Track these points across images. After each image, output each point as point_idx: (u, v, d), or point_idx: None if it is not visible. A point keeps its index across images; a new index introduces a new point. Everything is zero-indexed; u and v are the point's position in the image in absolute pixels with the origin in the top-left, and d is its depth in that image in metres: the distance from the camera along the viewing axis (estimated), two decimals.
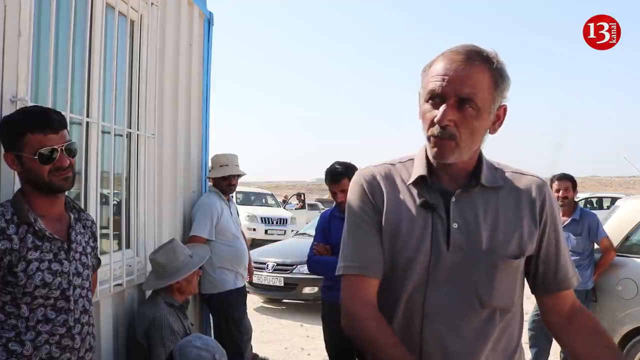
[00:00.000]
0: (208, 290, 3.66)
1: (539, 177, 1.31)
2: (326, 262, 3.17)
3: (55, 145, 1.69)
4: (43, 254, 1.69)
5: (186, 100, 3.57)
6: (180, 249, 2.89)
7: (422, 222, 1.23)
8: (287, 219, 14.79)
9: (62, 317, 1.73)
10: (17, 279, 1.63)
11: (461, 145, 1.18)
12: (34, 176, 1.70)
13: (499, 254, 1.21)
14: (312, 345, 5.31)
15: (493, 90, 1.17)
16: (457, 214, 1.22)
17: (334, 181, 3.28)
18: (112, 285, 2.53)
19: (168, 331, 2.61)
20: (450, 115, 1.14)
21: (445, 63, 1.17)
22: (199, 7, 3.73)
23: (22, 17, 1.93)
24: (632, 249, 4.12)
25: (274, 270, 6.93)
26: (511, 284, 1.25)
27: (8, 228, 1.63)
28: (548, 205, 1.27)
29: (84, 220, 1.93)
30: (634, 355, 3.83)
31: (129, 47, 2.80)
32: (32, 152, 1.66)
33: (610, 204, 12.82)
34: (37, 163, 1.67)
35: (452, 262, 1.21)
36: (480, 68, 1.16)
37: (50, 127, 1.69)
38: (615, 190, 36.33)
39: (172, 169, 3.35)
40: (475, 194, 1.24)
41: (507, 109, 1.24)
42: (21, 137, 1.67)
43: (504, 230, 1.22)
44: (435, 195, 1.24)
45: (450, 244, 1.21)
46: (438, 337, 1.21)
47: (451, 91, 1.14)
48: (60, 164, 1.70)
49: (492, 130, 1.25)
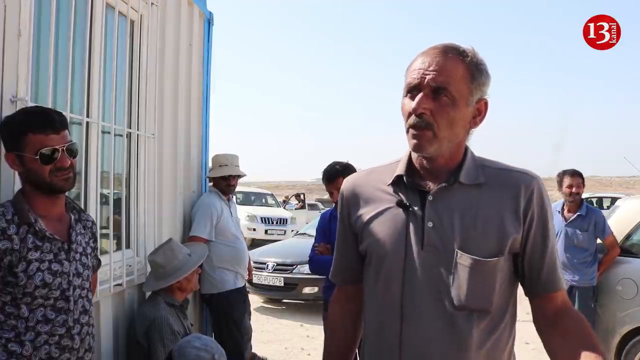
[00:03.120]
0: (208, 290, 3.66)
1: (529, 173, 1.25)
2: (327, 262, 3.15)
3: (56, 145, 1.69)
4: (43, 254, 1.69)
5: (186, 100, 3.56)
6: (179, 249, 2.89)
7: (397, 222, 1.25)
8: (287, 219, 14.79)
9: (61, 318, 1.73)
10: (18, 279, 1.63)
11: (439, 135, 1.18)
12: (35, 176, 1.70)
13: (473, 253, 1.18)
14: (312, 345, 5.31)
15: (469, 82, 1.19)
16: (433, 213, 1.21)
17: (330, 180, 3.31)
18: (112, 285, 2.53)
19: (168, 331, 2.61)
20: (425, 104, 1.17)
21: (422, 58, 1.21)
22: (199, 7, 3.73)
23: (22, 17, 1.93)
24: (632, 249, 4.12)
25: (274, 270, 6.93)
26: (488, 284, 1.19)
27: (9, 228, 1.63)
28: (535, 202, 1.21)
29: (84, 220, 1.93)
30: (634, 355, 3.83)
31: (129, 47, 2.80)
32: (33, 152, 1.66)
33: (610, 204, 12.84)
34: (38, 163, 1.67)
35: (426, 262, 1.20)
36: (454, 60, 1.19)
37: (52, 128, 1.69)
38: (615, 190, 36.32)
39: (172, 169, 3.35)
40: (454, 192, 1.22)
41: (488, 104, 1.25)
42: (22, 137, 1.67)
43: (480, 228, 1.19)
44: (414, 194, 1.25)
45: (425, 242, 1.21)
46: (416, 339, 1.20)
47: (427, 82, 1.17)
48: (61, 164, 1.70)
49: (473, 124, 1.25)
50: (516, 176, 1.24)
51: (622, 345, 3.89)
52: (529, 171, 1.26)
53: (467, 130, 1.25)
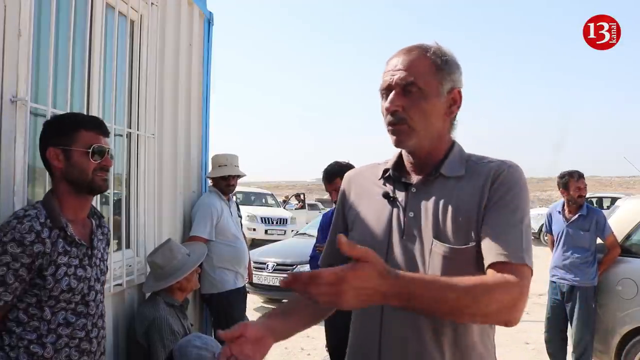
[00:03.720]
0: (208, 290, 3.66)
1: (506, 162, 1.25)
2: None
3: (105, 145, 1.79)
4: (71, 259, 1.72)
5: (186, 100, 3.56)
6: (177, 249, 2.89)
7: (383, 213, 1.31)
8: (287, 219, 14.80)
9: (81, 321, 1.76)
10: (45, 282, 1.65)
11: (416, 128, 1.23)
12: (79, 172, 1.74)
13: (446, 242, 1.20)
14: (312, 345, 5.31)
15: (435, 73, 1.24)
16: (414, 204, 1.27)
17: (328, 181, 3.35)
18: (112, 285, 2.53)
19: (168, 331, 2.61)
20: (397, 101, 1.23)
21: (391, 61, 1.28)
22: (199, 7, 3.73)
23: (22, 17, 1.93)
24: (632, 249, 4.13)
25: (274, 270, 6.93)
26: (462, 272, 1.13)
27: (42, 232, 1.65)
28: (498, 183, 1.20)
29: (103, 227, 1.97)
30: (634, 355, 3.83)
31: (129, 47, 2.80)
32: (84, 147, 1.73)
33: (610, 204, 12.83)
34: (87, 158, 1.73)
35: (406, 251, 1.25)
36: (418, 55, 1.25)
37: (102, 130, 1.81)
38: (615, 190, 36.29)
39: (172, 169, 3.35)
40: (435, 184, 1.27)
41: (462, 92, 1.29)
42: (74, 133, 1.74)
43: (453, 217, 1.21)
44: (400, 187, 1.31)
45: (405, 232, 1.26)
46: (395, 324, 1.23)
47: (395, 82, 1.24)
48: (106, 164, 1.79)
49: (450, 113, 1.29)
50: (491, 166, 1.25)
51: (622, 345, 3.89)
52: (508, 161, 1.27)
53: (444, 121, 1.29)
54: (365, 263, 0.96)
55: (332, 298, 0.94)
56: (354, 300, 0.96)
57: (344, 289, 0.94)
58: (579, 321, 4.06)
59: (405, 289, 1.00)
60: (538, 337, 4.99)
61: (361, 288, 0.95)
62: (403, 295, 1.00)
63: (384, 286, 0.98)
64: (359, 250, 0.97)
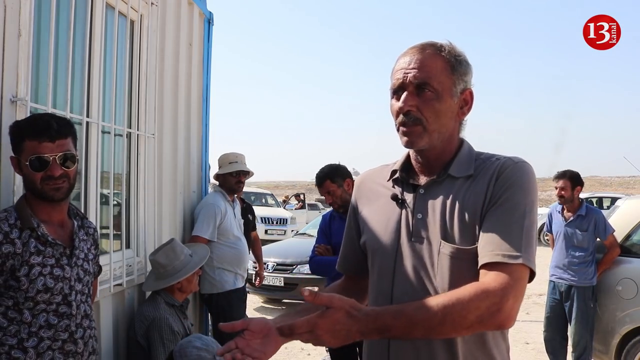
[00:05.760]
0: (208, 290, 3.66)
1: (512, 159, 1.23)
2: (327, 263, 3.19)
3: (47, 154, 1.68)
4: (45, 258, 1.70)
5: (186, 100, 3.57)
6: (180, 249, 2.89)
7: (391, 215, 1.30)
8: (287, 219, 14.80)
9: (64, 323, 1.74)
10: (20, 283, 1.64)
11: (429, 128, 1.21)
12: (29, 182, 1.72)
13: (454, 242, 1.19)
14: (312, 345, 5.31)
15: (450, 73, 1.22)
16: (422, 205, 1.26)
17: (319, 185, 3.38)
18: (112, 285, 2.53)
19: (168, 331, 2.61)
20: (410, 101, 1.21)
21: (402, 59, 1.25)
22: (199, 7, 3.73)
23: (22, 17, 1.93)
24: (632, 249, 4.12)
25: (274, 270, 6.93)
26: (470, 272, 1.15)
27: (11, 232, 1.64)
28: (500, 180, 1.18)
29: (87, 227, 1.95)
30: (634, 355, 3.83)
31: (129, 47, 2.80)
32: (26, 159, 1.68)
33: (610, 204, 12.82)
34: (29, 169, 1.68)
35: (414, 253, 1.24)
36: (432, 55, 1.23)
37: (47, 136, 1.67)
38: (615, 190, 36.28)
39: (172, 169, 3.35)
40: (444, 185, 1.25)
41: (473, 93, 1.28)
42: (21, 143, 1.69)
43: (461, 218, 1.20)
44: (409, 188, 1.30)
45: (413, 234, 1.25)
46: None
47: (409, 80, 1.21)
48: (51, 173, 1.69)
49: (462, 114, 1.28)
50: (497, 163, 1.23)
51: (622, 345, 3.89)
52: (515, 157, 1.24)
53: (456, 121, 1.28)
54: (332, 309, 1.04)
55: (314, 342, 1.06)
56: (333, 340, 1.05)
57: (319, 334, 1.04)
58: (577, 321, 4.06)
59: (377, 323, 1.06)
60: (538, 337, 4.99)
61: (334, 331, 1.04)
62: (377, 329, 1.06)
63: (355, 325, 1.04)
64: (323, 298, 1.05)
